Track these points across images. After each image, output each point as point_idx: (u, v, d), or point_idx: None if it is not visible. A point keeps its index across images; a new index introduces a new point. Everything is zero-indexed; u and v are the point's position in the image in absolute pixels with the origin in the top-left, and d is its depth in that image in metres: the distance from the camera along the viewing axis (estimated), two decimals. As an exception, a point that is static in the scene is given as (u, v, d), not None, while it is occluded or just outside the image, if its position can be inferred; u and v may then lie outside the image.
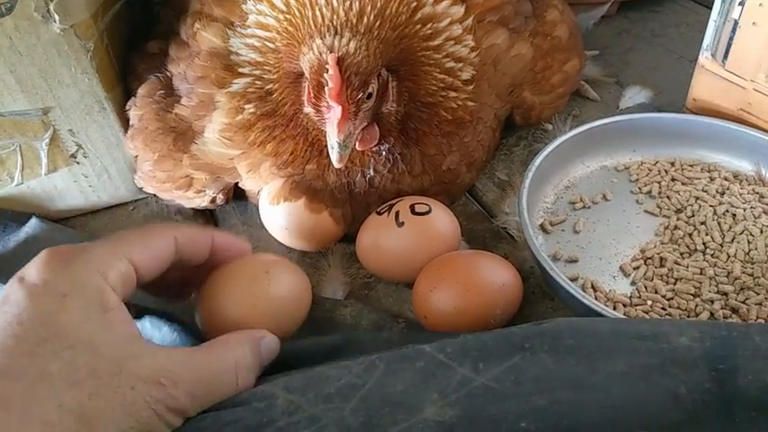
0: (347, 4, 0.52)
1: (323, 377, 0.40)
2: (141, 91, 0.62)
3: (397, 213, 0.56)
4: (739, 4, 0.62)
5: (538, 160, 0.62)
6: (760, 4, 0.60)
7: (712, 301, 0.53)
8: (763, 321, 0.51)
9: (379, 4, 0.53)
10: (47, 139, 0.60)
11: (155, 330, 0.50)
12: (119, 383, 0.35)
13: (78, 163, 0.63)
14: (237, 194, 0.65)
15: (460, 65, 0.59)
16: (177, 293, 0.50)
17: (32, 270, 0.37)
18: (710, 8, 0.66)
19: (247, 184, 0.62)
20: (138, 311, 0.49)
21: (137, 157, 0.63)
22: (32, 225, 0.63)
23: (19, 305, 0.36)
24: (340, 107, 0.51)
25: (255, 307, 0.46)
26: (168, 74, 0.62)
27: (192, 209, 0.66)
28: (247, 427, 0.38)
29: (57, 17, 0.54)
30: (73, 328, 0.36)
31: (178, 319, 0.51)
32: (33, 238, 0.62)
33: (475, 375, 0.39)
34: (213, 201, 0.63)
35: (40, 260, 0.38)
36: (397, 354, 0.41)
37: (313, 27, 0.52)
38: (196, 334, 0.50)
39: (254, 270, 0.48)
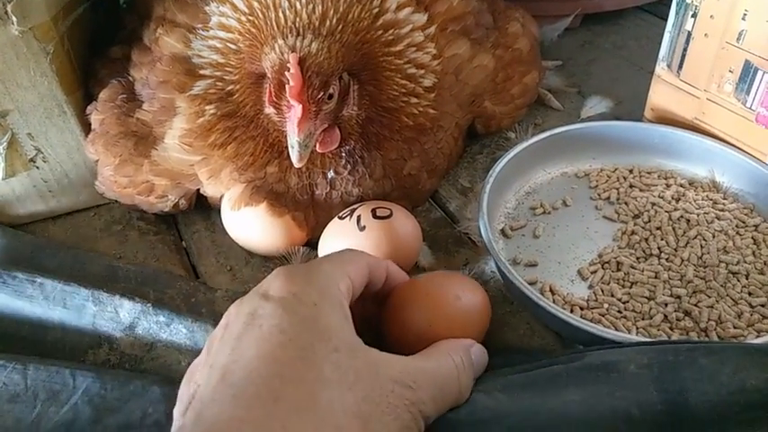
0: (310, 7, 0.53)
1: None
2: (103, 95, 0.62)
3: (359, 217, 0.56)
4: (692, 16, 0.64)
5: (499, 166, 0.63)
6: (711, 17, 0.62)
7: (666, 304, 0.54)
8: (714, 323, 0.52)
9: (341, 9, 0.54)
10: (4, 143, 0.60)
11: None
12: (381, 386, 0.36)
13: (37, 167, 0.62)
14: (200, 200, 0.65)
15: (422, 71, 0.60)
16: None
17: (275, 285, 0.38)
18: (669, 21, 0.68)
19: (208, 190, 0.62)
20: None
21: (97, 161, 0.63)
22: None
23: (274, 316, 0.36)
24: (300, 106, 0.51)
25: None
26: (130, 78, 0.62)
27: (155, 214, 0.66)
28: None
29: (14, 19, 0.53)
30: (333, 331, 0.36)
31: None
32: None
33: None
34: (176, 206, 0.63)
35: (280, 276, 0.39)
36: None
37: (276, 28, 0.53)
38: None
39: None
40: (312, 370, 0.34)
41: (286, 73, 0.51)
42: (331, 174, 0.60)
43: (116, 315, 0.54)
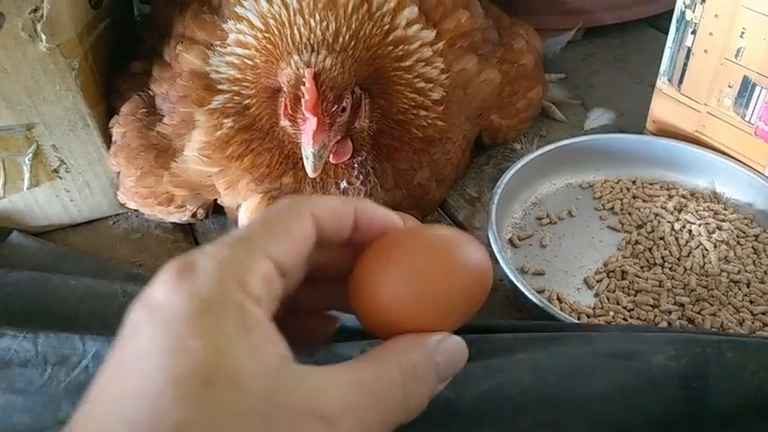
0: (324, 24, 0.55)
1: None
2: (124, 109, 0.64)
3: (372, 227, 0.58)
4: (692, 32, 0.66)
5: (506, 178, 0.65)
6: (710, 34, 0.64)
7: (670, 312, 0.56)
8: (717, 331, 0.54)
9: (354, 26, 0.56)
10: (30, 154, 0.62)
11: None
12: (273, 422, 0.27)
13: (60, 178, 0.64)
14: (217, 209, 0.67)
15: (431, 85, 0.62)
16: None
17: (157, 290, 0.29)
18: (669, 36, 0.70)
19: (226, 200, 0.64)
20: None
21: (119, 173, 0.65)
22: (13, 239, 0.64)
23: (145, 336, 0.28)
24: (315, 119, 0.53)
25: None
26: (151, 93, 0.64)
27: (173, 223, 0.68)
28: None
29: (43, 36, 0.55)
30: (212, 357, 0.27)
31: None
32: (14, 253, 0.63)
33: (454, 396, 0.38)
34: (194, 215, 0.65)
35: (164, 276, 0.29)
36: None
37: (291, 45, 0.55)
38: None
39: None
40: (172, 413, 0.26)
41: (302, 87, 0.53)
42: (344, 184, 0.62)
43: None
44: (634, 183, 0.70)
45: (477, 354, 0.40)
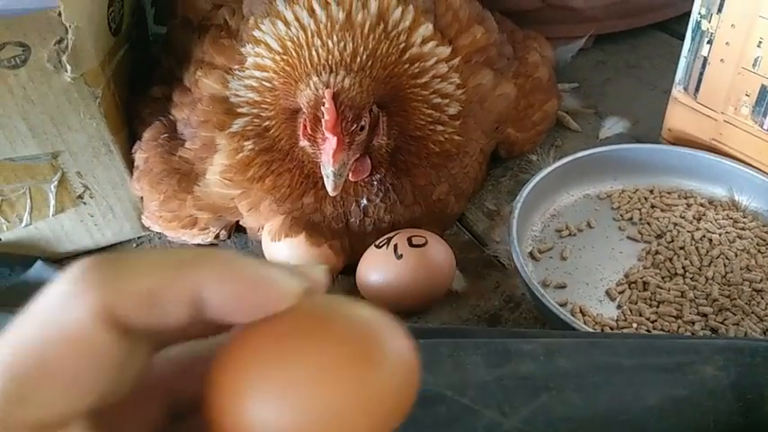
0: (341, 45, 0.56)
1: None
2: (146, 135, 0.65)
3: (396, 246, 0.58)
4: (708, 42, 0.66)
5: (525, 191, 0.65)
6: (727, 43, 0.64)
7: (693, 323, 0.56)
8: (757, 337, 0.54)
9: (371, 45, 0.57)
10: (55, 182, 0.63)
11: None
12: None
13: (85, 203, 0.65)
14: (238, 228, 0.68)
15: (447, 101, 0.63)
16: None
17: None
18: (681, 40, 0.70)
19: (248, 221, 0.65)
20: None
21: (143, 198, 0.66)
22: (37, 269, 0.65)
23: None
24: (335, 138, 0.54)
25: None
26: (172, 118, 0.65)
27: (196, 244, 0.69)
28: None
29: (68, 67, 0.56)
30: None
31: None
32: (37, 282, 0.64)
33: (503, 419, 0.37)
34: (217, 237, 0.66)
35: None
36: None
37: (310, 66, 0.56)
38: None
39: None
40: None
41: (321, 107, 0.54)
42: (364, 201, 0.62)
43: None
44: (651, 192, 0.71)
45: (515, 354, 0.40)
